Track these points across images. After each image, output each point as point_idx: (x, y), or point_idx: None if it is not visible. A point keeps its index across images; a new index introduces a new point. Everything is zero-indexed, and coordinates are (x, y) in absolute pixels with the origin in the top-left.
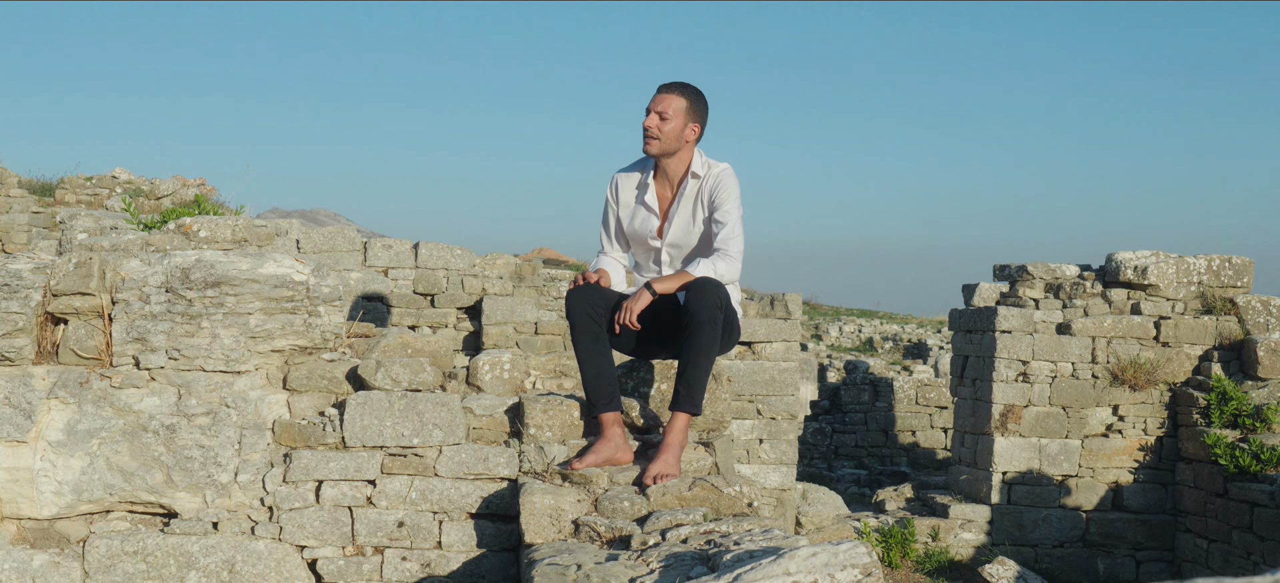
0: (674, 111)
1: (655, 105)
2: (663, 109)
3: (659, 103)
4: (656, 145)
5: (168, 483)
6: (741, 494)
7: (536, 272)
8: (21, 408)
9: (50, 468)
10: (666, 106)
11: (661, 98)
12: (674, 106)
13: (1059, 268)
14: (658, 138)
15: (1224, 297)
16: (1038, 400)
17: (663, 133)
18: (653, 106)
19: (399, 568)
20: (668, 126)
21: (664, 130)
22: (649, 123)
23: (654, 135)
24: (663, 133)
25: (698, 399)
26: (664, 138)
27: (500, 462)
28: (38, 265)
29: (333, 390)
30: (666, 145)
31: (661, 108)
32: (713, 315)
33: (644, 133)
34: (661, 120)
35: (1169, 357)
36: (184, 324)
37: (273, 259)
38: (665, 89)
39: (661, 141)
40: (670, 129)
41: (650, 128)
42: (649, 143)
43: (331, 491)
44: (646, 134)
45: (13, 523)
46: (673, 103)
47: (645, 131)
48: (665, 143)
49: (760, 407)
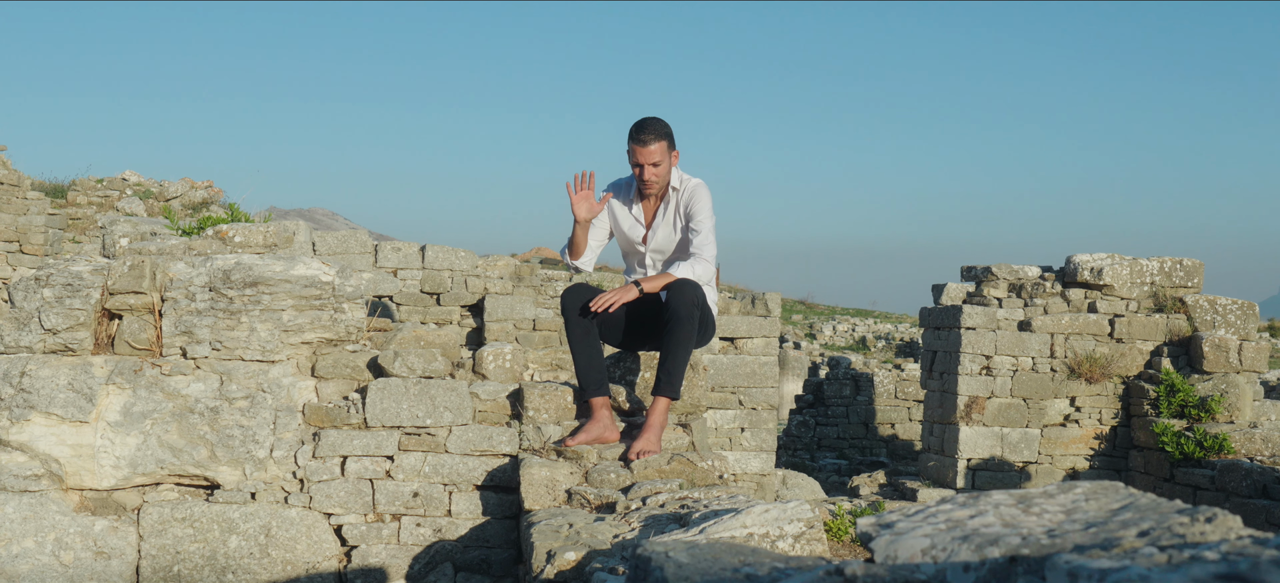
0: (660, 155)
1: (644, 157)
2: (655, 160)
3: (648, 156)
4: (657, 188)
5: (211, 458)
6: (713, 468)
7: (534, 272)
8: (84, 393)
9: (109, 445)
10: (655, 156)
11: (648, 150)
12: (660, 151)
13: (1022, 269)
14: (655, 181)
15: (1175, 296)
16: (1000, 393)
17: (659, 176)
18: (643, 160)
19: (414, 533)
20: (660, 170)
21: (659, 174)
22: (648, 175)
23: (652, 182)
24: (659, 176)
25: (676, 385)
26: (660, 179)
27: (502, 440)
28: (96, 268)
29: (355, 377)
30: (663, 184)
31: (652, 160)
32: (690, 312)
33: (642, 182)
34: (655, 167)
35: (1123, 352)
36: (225, 319)
37: (303, 262)
38: (646, 138)
39: (658, 184)
40: (663, 171)
41: (650, 179)
42: (648, 186)
43: (355, 465)
44: (646, 184)
45: (76, 493)
46: (658, 150)
47: (644, 183)
48: (661, 183)
49: (742, 398)
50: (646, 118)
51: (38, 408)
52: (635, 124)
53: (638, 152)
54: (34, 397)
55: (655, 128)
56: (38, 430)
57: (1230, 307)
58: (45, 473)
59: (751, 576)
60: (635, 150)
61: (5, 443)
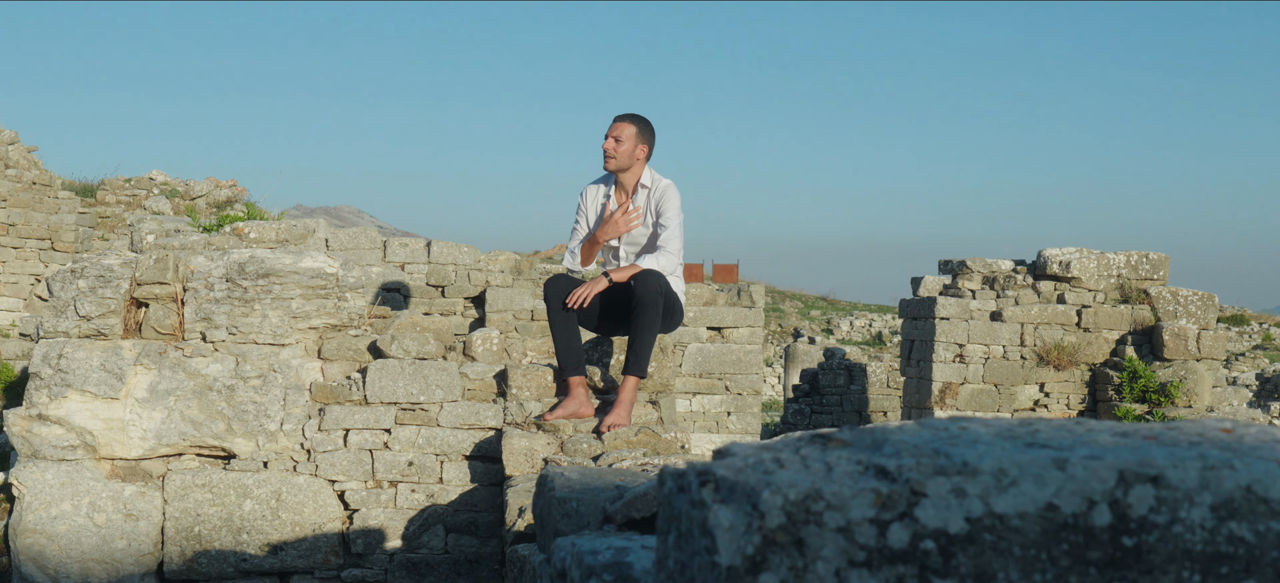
0: (626, 136)
1: (612, 132)
2: (617, 134)
3: (615, 130)
4: (613, 162)
5: (228, 431)
6: (676, 439)
7: (533, 266)
8: (114, 372)
9: (137, 419)
10: (620, 133)
11: (616, 126)
12: (626, 133)
13: (995, 263)
14: (614, 156)
15: (1140, 287)
16: (973, 379)
17: (618, 153)
18: (610, 133)
19: (409, 498)
20: (621, 148)
21: (619, 151)
22: (607, 145)
23: (611, 155)
24: (618, 153)
25: (644, 365)
26: (619, 156)
27: (489, 415)
28: (125, 261)
29: (357, 359)
30: (620, 162)
31: (616, 134)
32: (655, 299)
33: (603, 153)
34: (617, 143)
35: (1089, 341)
36: (240, 307)
37: (309, 255)
38: (619, 119)
39: (617, 160)
40: (624, 150)
41: (608, 149)
42: (608, 160)
43: (356, 437)
44: (605, 154)
45: (108, 462)
46: (625, 129)
47: (604, 152)
48: (619, 160)
49: (728, 384)
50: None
51: (74, 386)
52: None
53: (610, 127)
54: (70, 376)
55: (632, 116)
56: (74, 406)
57: (1191, 297)
58: (80, 444)
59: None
60: (610, 128)
61: (45, 417)
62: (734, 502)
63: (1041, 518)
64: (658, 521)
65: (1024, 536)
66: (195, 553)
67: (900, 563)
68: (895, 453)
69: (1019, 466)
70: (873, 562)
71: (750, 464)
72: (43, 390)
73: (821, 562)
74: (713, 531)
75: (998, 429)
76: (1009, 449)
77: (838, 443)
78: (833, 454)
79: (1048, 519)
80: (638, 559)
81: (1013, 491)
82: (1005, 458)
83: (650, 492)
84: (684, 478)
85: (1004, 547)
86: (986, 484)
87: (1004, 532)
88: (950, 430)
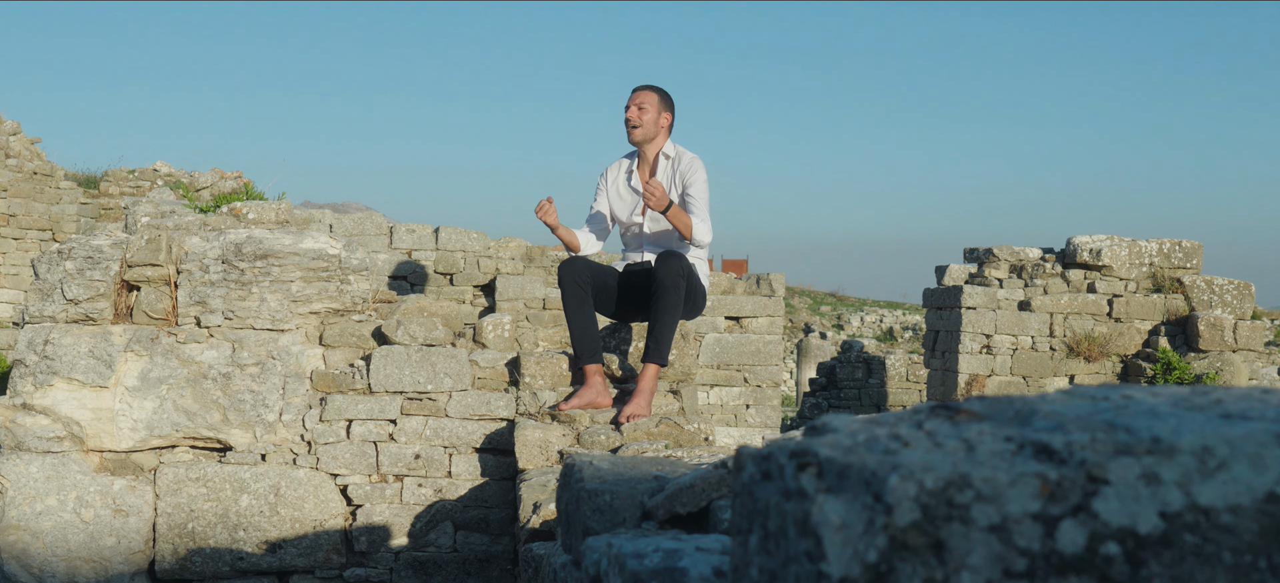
0: (649, 104)
1: (634, 101)
2: (640, 103)
3: (636, 99)
4: (639, 132)
5: (224, 422)
6: (700, 431)
7: (545, 253)
8: (103, 359)
9: (127, 409)
10: (643, 100)
11: (638, 95)
12: (649, 100)
13: (1023, 251)
14: (639, 125)
15: (1173, 276)
16: (1000, 371)
17: (643, 121)
18: (632, 102)
19: (416, 493)
20: (646, 116)
21: (643, 119)
22: (630, 114)
23: (635, 123)
24: (643, 121)
25: (665, 352)
26: (644, 125)
27: (500, 405)
28: (115, 241)
29: (361, 346)
30: (646, 131)
31: (639, 102)
32: (676, 282)
33: (627, 123)
34: (640, 111)
35: (1121, 331)
36: (237, 290)
37: (310, 236)
38: (639, 89)
39: (642, 128)
40: (648, 118)
41: (631, 118)
42: (632, 131)
43: (360, 428)
44: (629, 123)
45: (96, 454)
46: (648, 98)
47: (628, 122)
48: (645, 129)
49: (747, 376)
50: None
51: (60, 374)
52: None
53: (631, 97)
54: (57, 363)
55: (653, 86)
56: (60, 395)
57: (1227, 287)
58: (67, 435)
59: (658, 476)
60: (630, 98)
61: (30, 407)
62: (846, 491)
63: (1261, 513)
64: (733, 517)
65: (1237, 536)
66: (189, 551)
67: (1072, 574)
68: (1057, 426)
69: (1229, 443)
70: (1037, 572)
71: (862, 442)
72: (28, 378)
73: (967, 572)
74: (818, 530)
75: (1171, 397)
76: (1204, 422)
77: (969, 415)
78: (970, 429)
79: (1270, 515)
80: (693, 564)
81: (1221, 475)
82: (1208, 433)
83: (698, 483)
84: (771, 461)
85: (1211, 551)
86: (1187, 468)
87: (1210, 531)
88: (1113, 399)
